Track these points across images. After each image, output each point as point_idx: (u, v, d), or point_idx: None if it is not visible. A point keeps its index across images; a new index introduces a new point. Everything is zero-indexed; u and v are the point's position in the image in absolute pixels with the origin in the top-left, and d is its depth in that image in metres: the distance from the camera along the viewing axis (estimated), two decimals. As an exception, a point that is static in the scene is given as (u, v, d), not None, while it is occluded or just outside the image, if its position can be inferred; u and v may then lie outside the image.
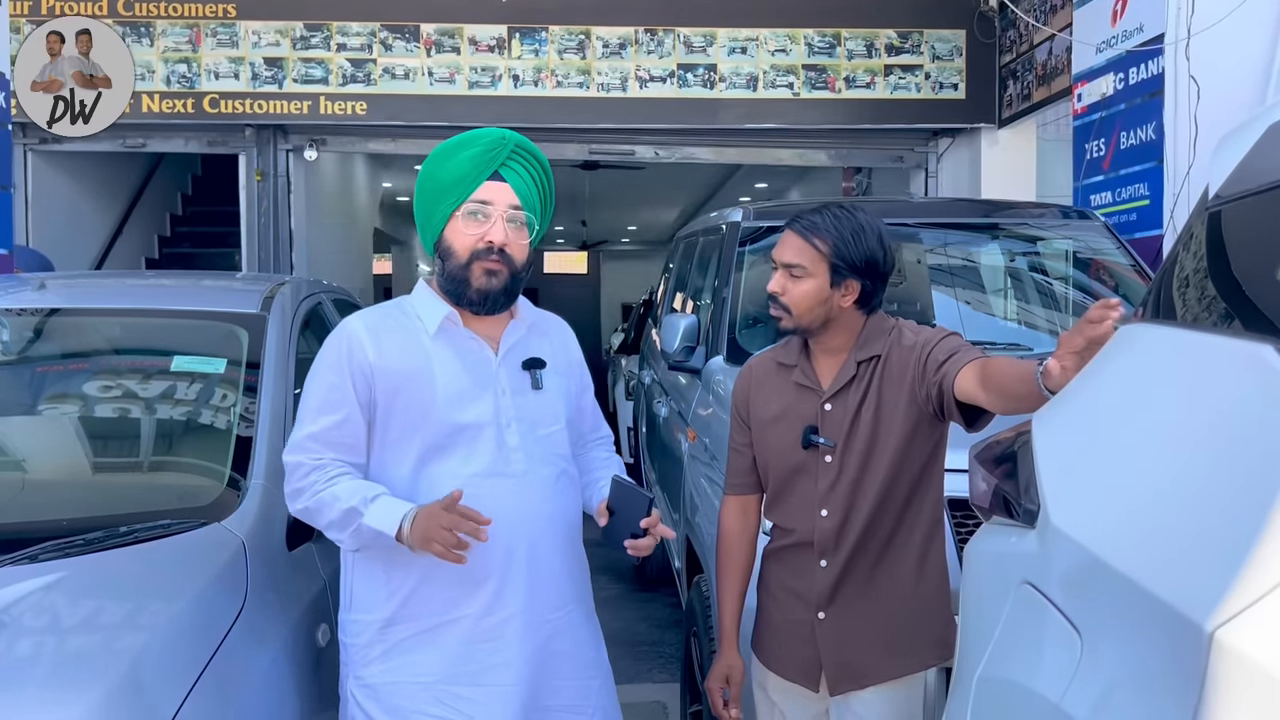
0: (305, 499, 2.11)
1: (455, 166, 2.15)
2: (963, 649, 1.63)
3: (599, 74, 7.67)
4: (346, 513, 2.06)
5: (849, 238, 2.22)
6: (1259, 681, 0.91)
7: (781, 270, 2.26)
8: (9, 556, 2.08)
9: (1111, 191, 5.51)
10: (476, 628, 2.13)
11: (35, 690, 1.73)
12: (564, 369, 2.32)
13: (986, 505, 1.71)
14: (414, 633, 2.14)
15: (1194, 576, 1.03)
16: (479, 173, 2.14)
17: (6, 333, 2.97)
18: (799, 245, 2.24)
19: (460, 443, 2.14)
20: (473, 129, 2.24)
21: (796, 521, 2.29)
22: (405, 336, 2.17)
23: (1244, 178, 1.41)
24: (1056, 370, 1.76)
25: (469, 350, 2.19)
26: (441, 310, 2.18)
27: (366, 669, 2.16)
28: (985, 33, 7.64)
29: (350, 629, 2.20)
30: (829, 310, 2.24)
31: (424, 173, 2.21)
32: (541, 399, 2.23)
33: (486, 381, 2.18)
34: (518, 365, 2.23)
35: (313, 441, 2.11)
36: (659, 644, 5.21)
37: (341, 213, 10.84)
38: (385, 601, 2.14)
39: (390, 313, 2.23)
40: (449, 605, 2.13)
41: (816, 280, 2.22)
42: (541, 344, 2.29)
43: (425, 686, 2.12)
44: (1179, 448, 1.21)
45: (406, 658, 2.13)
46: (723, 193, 15.05)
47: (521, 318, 2.26)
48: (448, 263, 2.16)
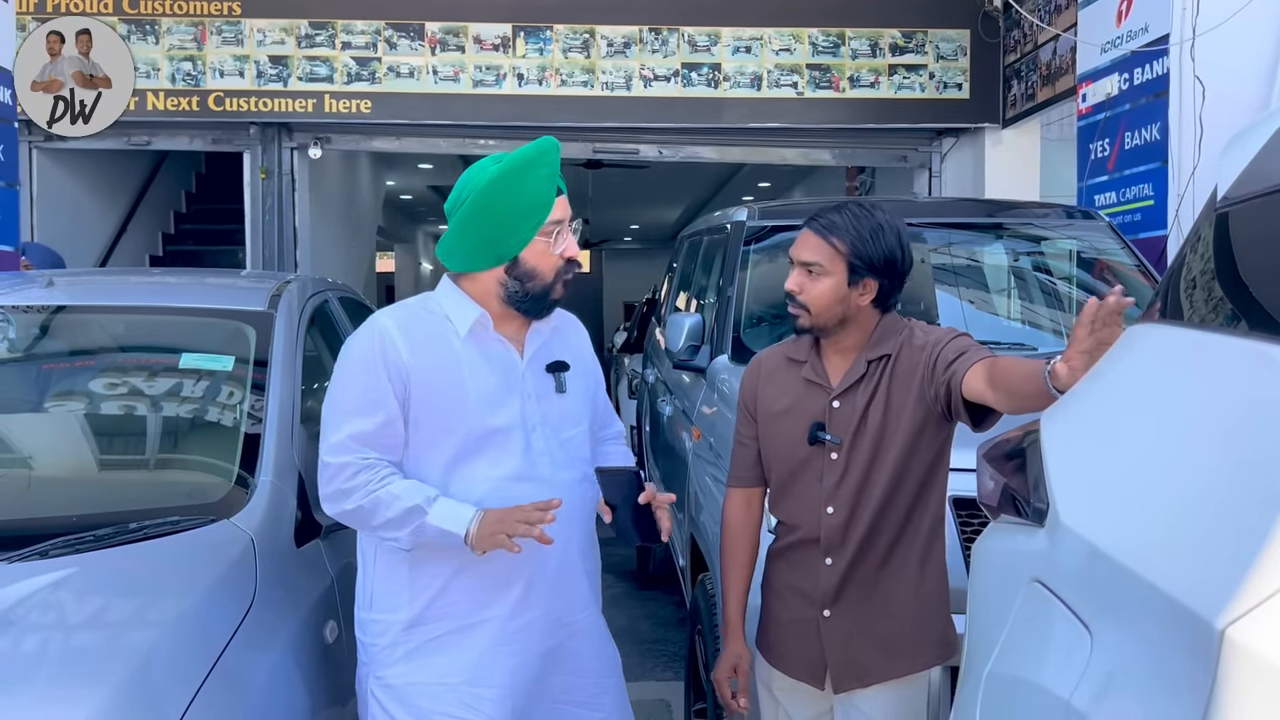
0: (357, 498, 2.07)
1: (532, 189, 2.11)
2: (971, 646, 1.64)
3: (603, 73, 7.67)
4: (409, 511, 2.04)
5: (867, 236, 2.21)
6: (1270, 679, 0.91)
7: (799, 268, 2.26)
8: (18, 553, 2.08)
9: (1116, 192, 5.51)
10: (503, 630, 2.14)
11: (44, 687, 1.73)
12: (582, 370, 2.33)
13: (995, 504, 1.71)
14: (440, 634, 2.14)
15: (1204, 574, 1.03)
16: (552, 191, 2.13)
17: (14, 330, 2.98)
18: (817, 244, 2.24)
19: (490, 446, 2.14)
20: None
21: (802, 518, 2.29)
22: (436, 337, 2.16)
23: (1252, 179, 1.42)
24: (1065, 370, 1.77)
25: (497, 354, 2.19)
26: (473, 312, 2.17)
27: (389, 669, 2.15)
28: (989, 32, 7.64)
29: (371, 629, 2.19)
30: (846, 309, 2.24)
31: (492, 198, 2.11)
32: (565, 402, 2.24)
33: (513, 385, 2.18)
34: (542, 369, 2.23)
35: (356, 442, 2.08)
36: (663, 642, 5.22)
37: (345, 211, 10.85)
38: (410, 603, 2.14)
39: (418, 311, 2.20)
40: (477, 608, 2.14)
41: (834, 279, 2.22)
42: (563, 346, 2.30)
43: (450, 688, 2.12)
44: (1187, 446, 1.22)
45: (431, 659, 2.13)
46: (726, 192, 15.05)
47: (547, 320, 2.26)
48: (531, 283, 2.15)
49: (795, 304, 2.26)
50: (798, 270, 2.26)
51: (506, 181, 2.11)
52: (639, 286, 16.76)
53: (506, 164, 2.12)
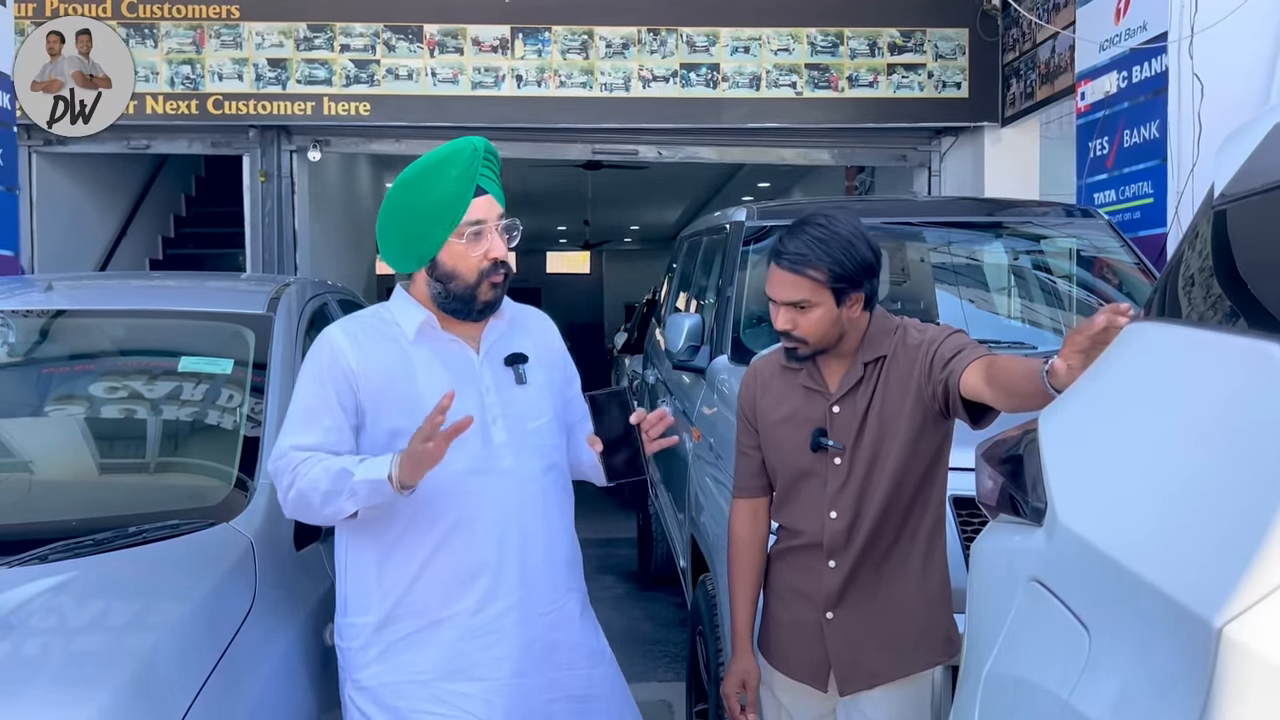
0: (297, 486, 2.08)
1: (441, 189, 2.12)
2: (970, 645, 1.63)
3: (602, 74, 7.67)
4: (337, 475, 2.05)
5: (840, 257, 2.17)
6: (1267, 676, 0.91)
7: (785, 307, 2.23)
8: (19, 557, 2.09)
9: (1115, 190, 5.51)
10: (472, 623, 2.14)
11: (45, 691, 1.73)
12: (547, 362, 2.33)
13: (994, 503, 1.71)
14: (409, 632, 2.14)
15: (1202, 573, 1.03)
16: (466, 192, 2.13)
17: (13, 334, 2.98)
18: (795, 281, 2.19)
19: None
20: (446, 141, 2.20)
21: (805, 523, 2.29)
22: (385, 342, 2.19)
23: (1249, 177, 1.42)
24: (1063, 368, 1.77)
25: (450, 352, 2.20)
26: (418, 315, 2.20)
27: (363, 672, 2.16)
28: (988, 31, 7.63)
29: (346, 633, 2.20)
30: (842, 326, 2.23)
31: (402, 200, 2.17)
32: (526, 394, 2.24)
33: (469, 380, 2.18)
34: (500, 362, 2.24)
35: (296, 450, 2.11)
36: (663, 643, 5.21)
37: (345, 213, 10.85)
38: (379, 603, 2.15)
39: (369, 320, 2.24)
40: (442, 602, 2.14)
41: (823, 307, 2.20)
42: (522, 340, 2.30)
43: (423, 685, 2.12)
44: (1186, 445, 1.22)
45: (402, 657, 2.14)
46: (725, 192, 15.04)
47: (501, 314, 2.26)
48: (451, 284, 2.16)
49: (791, 339, 2.24)
50: (784, 309, 2.22)
51: (414, 182, 2.15)
52: (639, 287, 16.76)
53: (415, 165, 2.17)
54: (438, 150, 2.17)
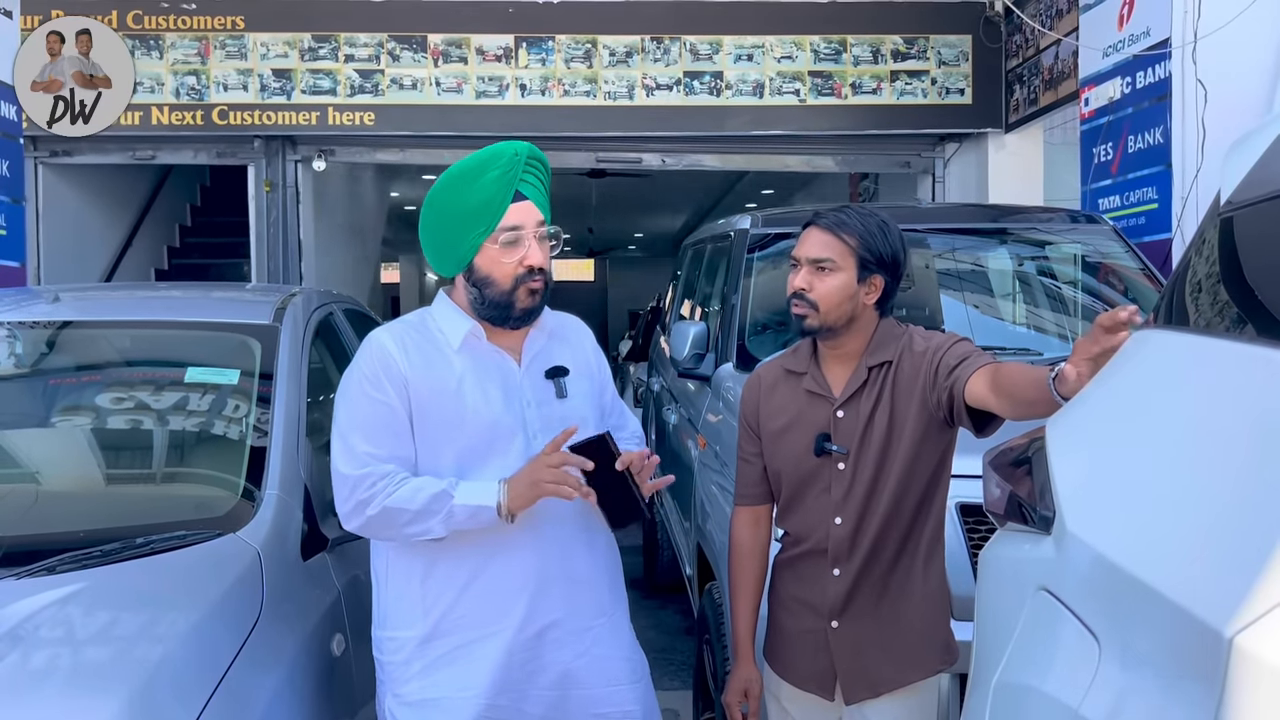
0: (379, 502, 2.06)
1: (478, 193, 2.10)
2: (979, 654, 1.63)
3: (606, 82, 7.68)
4: (434, 498, 2.04)
5: (875, 232, 2.24)
6: (1278, 686, 0.91)
7: (807, 266, 2.24)
8: (27, 569, 2.09)
9: (1119, 195, 5.51)
10: (517, 639, 2.13)
11: (53, 702, 1.74)
12: (585, 371, 2.32)
13: (1001, 511, 1.71)
14: (453, 647, 2.13)
15: (1212, 582, 1.03)
16: (504, 196, 2.11)
17: (20, 345, 2.98)
18: (827, 239, 2.24)
19: (492, 455, 2.14)
20: (480, 147, 2.19)
21: (810, 530, 2.29)
22: (431, 351, 2.16)
23: (1256, 183, 1.42)
24: (1072, 374, 1.75)
25: (493, 364, 2.19)
26: (464, 325, 2.17)
27: (406, 686, 2.15)
28: (991, 38, 7.64)
29: (387, 646, 2.19)
30: (854, 308, 2.23)
31: (440, 201, 2.16)
32: (567, 407, 2.22)
33: (512, 394, 2.18)
34: (541, 375, 2.22)
35: (370, 456, 2.09)
36: (670, 651, 5.21)
37: (350, 223, 10.87)
38: (423, 617, 2.14)
39: (414, 326, 2.22)
40: (489, 618, 2.13)
41: (845, 274, 2.22)
42: (562, 350, 2.29)
43: (468, 700, 2.11)
44: (1194, 453, 1.22)
45: (447, 672, 2.13)
46: (729, 199, 15.07)
47: (541, 326, 2.24)
48: (488, 290, 2.14)
49: (803, 303, 2.24)
50: (805, 268, 2.25)
51: (452, 185, 2.14)
52: (643, 295, 16.78)
53: (454, 167, 2.15)
54: (478, 153, 2.15)
